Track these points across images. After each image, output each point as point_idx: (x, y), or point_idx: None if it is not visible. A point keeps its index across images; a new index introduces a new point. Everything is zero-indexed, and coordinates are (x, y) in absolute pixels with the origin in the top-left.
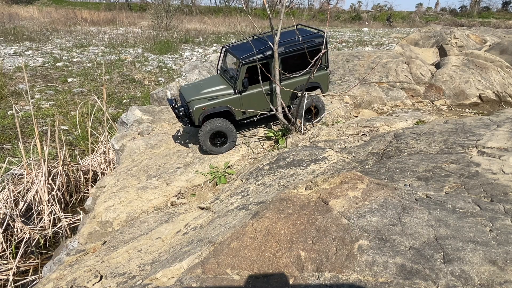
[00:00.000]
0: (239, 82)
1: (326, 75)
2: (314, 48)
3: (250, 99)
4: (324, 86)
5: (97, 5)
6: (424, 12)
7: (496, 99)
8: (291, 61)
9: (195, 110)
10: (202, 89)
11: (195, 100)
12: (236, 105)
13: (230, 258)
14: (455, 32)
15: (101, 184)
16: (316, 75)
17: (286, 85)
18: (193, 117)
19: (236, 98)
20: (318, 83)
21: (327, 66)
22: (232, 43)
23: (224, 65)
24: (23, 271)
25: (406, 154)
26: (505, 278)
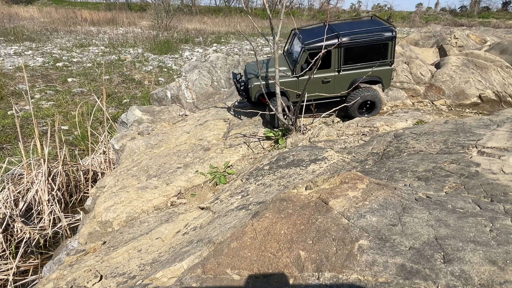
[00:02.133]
0: (298, 66)
1: (389, 70)
2: (381, 42)
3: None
4: (386, 81)
5: (97, 5)
6: (424, 12)
7: (496, 99)
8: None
9: (253, 88)
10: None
11: (255, 78)
12: (292, 88)
13: (230, 258)
14: (455, 32)
15: (101, 184)
16: (378, 69)
17: (344, 75)
18: (250, 94)
19: (293, 81)
20: (380, 78)
21: (392, 61)
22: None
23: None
24: (23, 271)
25: (406, 154)
26: (505, 278)
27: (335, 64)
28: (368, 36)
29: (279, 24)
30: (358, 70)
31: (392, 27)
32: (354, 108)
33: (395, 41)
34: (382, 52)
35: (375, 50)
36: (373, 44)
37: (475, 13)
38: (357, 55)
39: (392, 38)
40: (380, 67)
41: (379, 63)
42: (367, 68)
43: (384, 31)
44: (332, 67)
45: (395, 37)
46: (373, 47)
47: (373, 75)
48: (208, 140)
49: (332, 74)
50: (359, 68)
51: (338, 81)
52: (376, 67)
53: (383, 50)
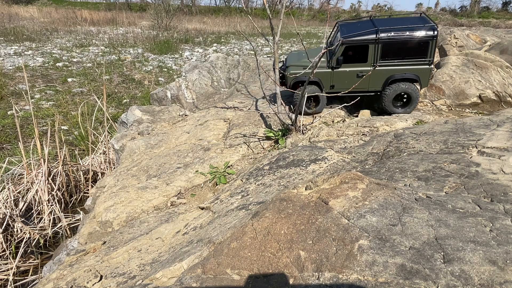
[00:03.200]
0: (334, 58)
1: (428, 70)
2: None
3: (341, 76)
4: (424, 80)
5: (97, 5)
6: (424, 12)
7: (496, 99)
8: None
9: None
10: (303, 57)
11: (293, 66)
12: (327, 79)
13: (230, 258)
14: (455, 32)
15: (101, 184)
16: (416, 68)
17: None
18: (287, 81)
19: (328, 72)
20: (417, 76)
21: (431, 61)
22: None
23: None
24: (23, 271)
25: (406, 154)
26: (505, 278)
27: (371, 58)
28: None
29: (279, 24)
30: (394, 67)
31: (435, 26)
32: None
33: (436, 40)
34: (422, 50)
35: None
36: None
37: (475, 13)
38: (395, 51)
39: (433, 37)
40: (418, 65)
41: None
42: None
43: (426, 29)
44: (369, 61)
45: (436, 36)
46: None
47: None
48: (208, 140)
49: (367, 69)
50: (396, 65)
51: (373, 76)
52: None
53: (423, 48)
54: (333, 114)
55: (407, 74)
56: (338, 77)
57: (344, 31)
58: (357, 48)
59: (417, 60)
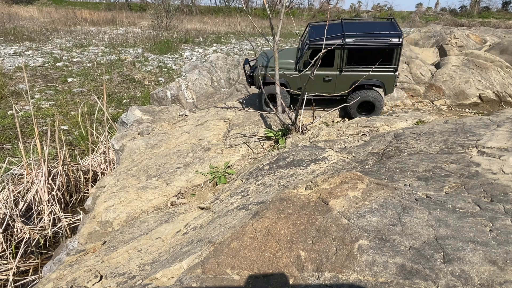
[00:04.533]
0: (301, 62)
1: (392, 77)
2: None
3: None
4: (389, 87)
5: (97, 5)
6: (424, 12)
7: (496, 99)
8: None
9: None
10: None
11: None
12: (293, 81)
13: (230, 258)
14: (455, 32)
15: (101, 184)
16: (381, 74)
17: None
18: (255, 79)
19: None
20: (382, 83)
21: (396, 68)
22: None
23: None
24: (23, 271)
25: (406, 154)
26: (505, 278)
27: (337, 63)
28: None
29: (279, 24)
30: (360, 72)
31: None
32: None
33: (401, 48)
34: (387, 57)
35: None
36: (377, 48)
37: (475, 13)
38: (361, 57)
39: (398, 45)
40: (383, 72)
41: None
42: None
43: (391, 36)
44: (335, 66)
45: (401, 43)
46: (378, 51)
47: (375, 79)
48: (208, 140)
49: (334, 73)
50: (362, 71)
51: (339, 81)
52: (379, 72)
53: (388, 56)
54: (333, 114)
55: (372, 80)
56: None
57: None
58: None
59: (382, 67)
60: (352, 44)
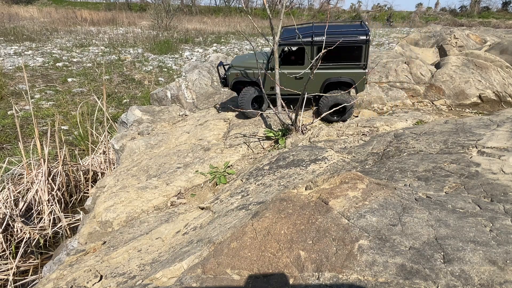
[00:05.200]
0: (272, 60)
1: (362, 74)
2: (354, 44)
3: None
4: (359, 85)
5: (97, 5)
6: (424, 12)
7: (496, 99)
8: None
9: (230, 75)
10: (246, 59)
11: (235, 67)
12: (266, 80)
13: (230, 258)
14: (455, 32)
15: (101, 184)
16: (351, 72)
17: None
18: (228, 80)
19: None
20: (352, 80)
21: (365, 65)
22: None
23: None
24: (23, 271)
25: (406, 154)
26: (505, 278)
27: (308, 62)
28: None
29: (279, 24)
30: (330, 70)
31: (368, 31)
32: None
33: (368, 44)
34: (356, 54)
35: (348, 52)
36: (346, 45)
37: (475, 13)
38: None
39: (365, 42)
40: (354, 69)
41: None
42: (340, 69)
43: (359, 34)
44: (306, 64)
45: (369, 40)
46: (346, 48)
47: (345, 77)
48: (208, 140)
49: (305, 72)
50: (332, 68)
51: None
52: (349, 69)
53: (357, 53)
54: None
55: (342, 78)
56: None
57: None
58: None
59: (352, 64)
60: (321, 41)
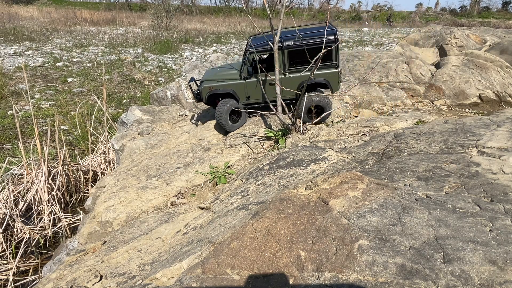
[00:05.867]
0: (244, 69)
1: (336, 73)
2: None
3: (254, 87)
4: (334, 85)
5: (97, 5)
6: (424, 12)
7: (496, 99)
8: (298, 54)
9: (203, 89)
10: (218, 72)
11: (207, 80)
12: (241, 90)
13: (230, 258)
14: (455, 32)
15: (101, 184)
16: (324, 72)
17: (291, 78)
18: (201, 94)
19: (241, 84)
20: (327, 81)
21: (337, 64)
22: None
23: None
24: (23, 271)
25: (406, 154)
26: (505, 278)
27: (280, 67)
28: (310, 40)
29: (279, 24)
30: (304, 73)
31: (335, 30)
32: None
33: (337, 43)
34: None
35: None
36: (316, 46)
37: (475, 13)
38: (302, 58)
39: (334, 41)
40: (326, 69)
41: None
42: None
43: (327, 33)
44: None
45: (337, 39)
46: (315, 50)
47: (320, 78)
48: (208, 140)
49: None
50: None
51: (285, 84)
52: (323, 70)
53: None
54: (333, 114)
55: (317, 79)
56: (252, 87)
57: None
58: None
59: (324, 64)
60: (290, 45)
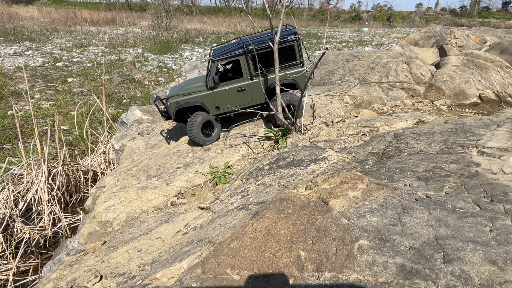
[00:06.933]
0: (210, 79)
1: (302, 71)
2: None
3: (223, 96)
4: (302, 82)
5: (97, 5)
6: (424, 12)
7: (496, 99)
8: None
9: (170, 105)
10: (183, 86)
11: (173, 96)
12: (209, 101)
13: (230, 258)
14: (455, 32)
15: (101, 184)
16: (293, 72)
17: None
18: (169, 111)
19: (208, 94)
20: (295, 81)
21: (302, 62)
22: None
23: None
24: (23, 271)
25: (406, 154)
26: (505, 278)
27: (246, 72)
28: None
29: (279, 24)
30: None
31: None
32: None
33: (299, 42)
34: (290, 54)
35: (283, 54)
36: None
37: (475, 13)
38: (267, 61)
39: (294, 40)
40: (293, 69)
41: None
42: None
43: (287, 34)
44: (245, 75)
45: (298, 38)
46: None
47: (287, 78)
48: None
49: (246, 83)
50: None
51: (253, 89)
52: (289, 70)
53: (291, 53)
54: (333, 114)
55: (284, 80)
56: (220, 96)
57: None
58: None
59: (289, 64)
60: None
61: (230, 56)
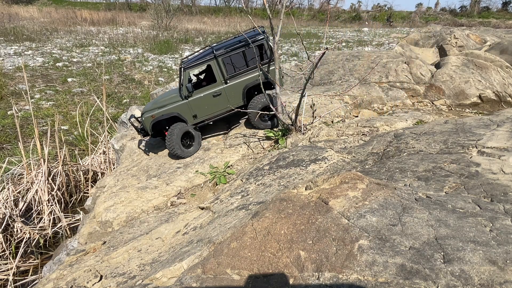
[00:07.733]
0: (183, 88)
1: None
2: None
3: (199, 103)
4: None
5: (97, 5)
6: (424, 12)
7: (496, 99)
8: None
9: (145, 120)
10: (157, 100)
11: (148, 111)
12: (186, 111)
13: (230, 258)
14: (455, 32)
15: (101, 184)
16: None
17: (234, 85)
18: (145, 127)
19: (184, 104)
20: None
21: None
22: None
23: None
24: (23, 271)
25: (406, 154)
26: (505, 278)
27: (219, 76)
28: (240, 43)
29: (279, 24)
30: (245, 77)
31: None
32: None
33: (267, 41)
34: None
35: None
36: (247, 48)
37: (475, 13)
38: (238, 63)
39: (263, 38)
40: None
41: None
42: (253, 72)
43: (255, 35)
44: (218, 80)
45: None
46: (249, 51)
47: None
48: (208, 140)
49: (221, 87)
50: (246, 75)
51: (229, 92)
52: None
53: (260, 51)
54: (333, 114)
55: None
56: (196, 104)
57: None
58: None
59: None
60: (223, 53)
61: (200, 62)
